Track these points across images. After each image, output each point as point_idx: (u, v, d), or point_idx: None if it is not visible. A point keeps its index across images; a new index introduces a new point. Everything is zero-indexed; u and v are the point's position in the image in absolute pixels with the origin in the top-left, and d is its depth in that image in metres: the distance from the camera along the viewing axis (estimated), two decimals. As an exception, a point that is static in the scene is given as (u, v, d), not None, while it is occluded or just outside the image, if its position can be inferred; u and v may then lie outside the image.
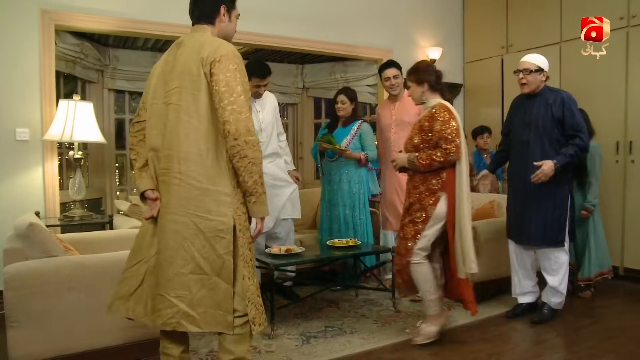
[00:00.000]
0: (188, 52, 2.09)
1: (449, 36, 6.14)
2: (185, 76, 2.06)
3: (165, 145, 2.08)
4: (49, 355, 2.42)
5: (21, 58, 3.92)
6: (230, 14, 2.26)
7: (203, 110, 2.04)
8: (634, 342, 3.16)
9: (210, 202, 2.02)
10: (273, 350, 3.03)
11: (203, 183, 2.02)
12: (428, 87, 3.20)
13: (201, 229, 2.01)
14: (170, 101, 2.08)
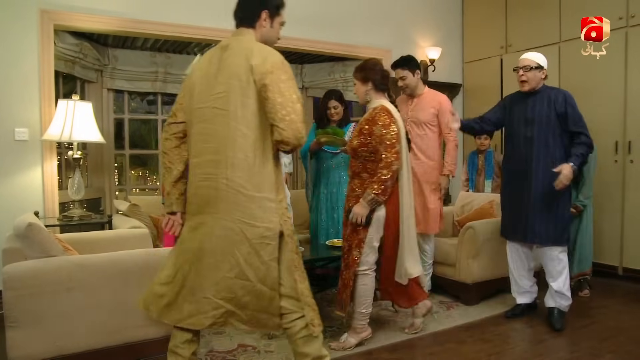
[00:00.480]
0: (236, 57, 2.07)
1: (448, 36, 6.14)
2: (233, 82, 2.04)
3: (211, 150, 2.07)
4: (48, 356, 2.42)
5: (20, 58, 3.92)
6: (272, 20, 2.26)
7: (251, 118, 2.03)
8: (633, 341, 3.16)
9: (256, 208, 2.03)
10: (272, 350, 3.02)
11: (249, 190, 2.02)
12: (372, 86, 3.09)
13: (247, 236, 2.02)
14: (216, 105, 2.07)
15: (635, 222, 4.54)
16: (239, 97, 2.02)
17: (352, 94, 6.69)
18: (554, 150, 3.36)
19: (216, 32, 4.71)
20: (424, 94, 4.05)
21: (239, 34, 2.20)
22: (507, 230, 3.65)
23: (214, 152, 2.05)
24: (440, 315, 3.68)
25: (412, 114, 4.03)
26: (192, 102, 2.15)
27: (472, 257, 3.89)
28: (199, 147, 2.11)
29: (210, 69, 2.13)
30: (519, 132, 3.50)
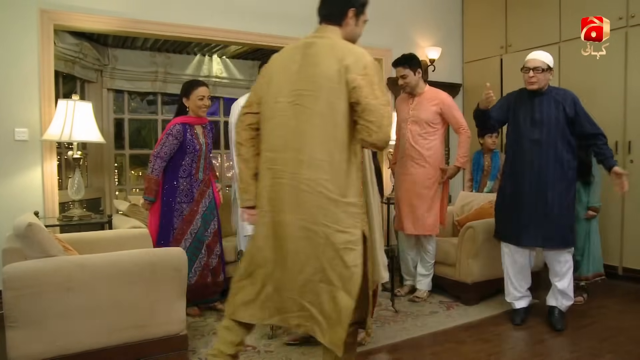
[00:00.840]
0: (325, 55, 2.03)
1: (448, 36, 6.14)
2: (321, 80, 2.00)
3: (290, 147, 2.03)
4: (48, 356, 2.42)
5: (20, 58, 3.92)
6: (358, 18, 2.22)
7: (339, 119, 1.99)
8: (633, 341, 3.16)
9: (340, 213, 1.99)
10: (272, 350, 3.02)
11: (333, 193, 1.98)
12: None
13: (332, 240, 1.98)
14: (298, 102, 2.02)
15: (635, 223, 4.54)
16: (328, 97, 1.99)
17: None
18: (562, 153, 3.32)
19: (216, 32, 4.71)
20: (425, 93, 4.05)
21: (324, 32, 2.16)
22: (508, 234, 3.53)
23: (296, 150, 2.01)
24: (440, 315, 3.68)
25: (413, 113, 4.01)
26: (269, 95, 2.11)
27: (472, 257, 3.89)
28: (277, 142, 2.07)
29: (291, 64, 2.09)
30: (525, 133, 3.42)
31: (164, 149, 3.53)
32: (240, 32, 4.83)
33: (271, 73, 2.15)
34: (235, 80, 6.73)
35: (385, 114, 1.95)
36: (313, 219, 1.98)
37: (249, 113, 2.21)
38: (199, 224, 3.61)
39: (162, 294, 2.68)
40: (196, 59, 6.41)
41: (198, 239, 3.60)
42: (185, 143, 3.55)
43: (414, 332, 3.33)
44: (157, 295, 2.67)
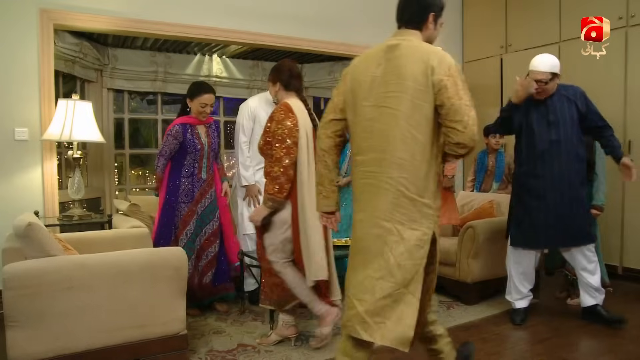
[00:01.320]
0: (409, 58, 2.06)
1: (448, 36, 6.13)
2: (407, 82, 2.02)
3: (376, 148, 2.05)
4: (48, 355, 2.42)
5: (20, 57, 3.92)
6: (436, 22, 2.29)
7: (423, 121, 2.01)
8: (632, 341, 3.16)
9: (415, 212, 2.01)
10: (272, 350, 3.03)
11: (412, 192, 2.00)
12: (280, 86, 3.07)
13: (404, 237, 1.99)
14: (384, 104, 2.04)
15: (635, 222, 4.54)
16: (413, 98, 2.00)
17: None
18: (578, 150, 3.35)
19: (216, 31, 4.71)
20: None
21: (405, 35, 2.20)
22: (526, 237, 3.46)
23: (380, 150, 2.04)
24: (440, 314, 3.68)
25: None
26: (357, 100, 2.13)
27: (472, 257, 3.90)
28: (364, 144, 2.10)
29: (375, 68, 2.11)
30: (542, 135, 3.38)
31: (164, 148, 3.62)
32: (240, 32, 4.83)
33: (354, 78, 2.17)
34: (236, 80, 6.73)
35: (471, 114, 1.98)
36: (389, 217, 2.01)
37: (334, 120, 2.23)
38: (194, 224, 3.63)
39: (161, 294, 2.69)
40: (196, 59, 6.40)
41: (192, 239, 3.63)
42: (185, 143, 3.57)
43: (413, 331, 3.33)
44: (156, 295, 2.67)
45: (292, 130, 2.85)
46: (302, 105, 3.05)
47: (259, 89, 6.82)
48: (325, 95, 7.11)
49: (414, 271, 1.98)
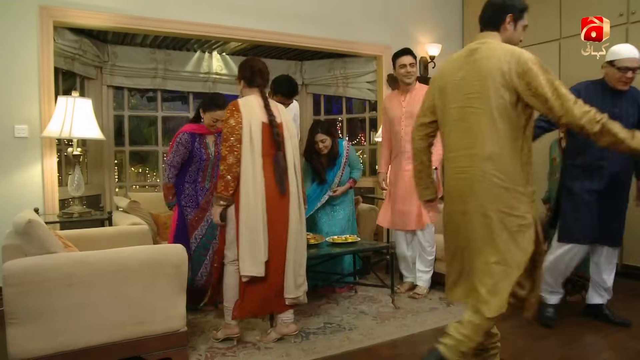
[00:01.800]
0: (489, 58, 2.23)
1: (448, 32, 6.13)
2: (488, 83, 2.19)
3: (465, 145, 2.27)
4: (48, 352, 2.42)
5: (20, 54, 3.92)
6: (516, 23, 2.42)
7: (506, 116, 2.18)
8: (632, 338, 3.16)
9: (511, 199, 2.19)
10: (272, 346, 3.03)
11: (505, 182, 2.19)
12: (244, 83, 3.12)
13: (505, 224, 2.19)
14: (469, 105, 2.25)
15: (634, 219, 4.53)
16: (495, 96, 2.18)
17: (352, 91, 6.69)
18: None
19: (216, 28, 4.71)
20: (417, 88, 4.09)
21: (485, 37, 2.37)
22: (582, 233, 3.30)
23: (469, 146, 2.25)
24: (440, 311, 3.69)
25: (408, 109, 4.03)
26: (445, 103, 2.35)
27: (472, 254, 3.89)
28: (454, 143, 2.32)
29: (458, 72, 2.31)
30: None
31: (175, 158, 3.55)
32: (240, 29, 4.82)
33: (440, 82, 2.39)
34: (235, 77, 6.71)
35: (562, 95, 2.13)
36: (490, 207, 2.21)
37: (424, 123, 2.48)
38: (204, 230, 3.61)
39: (162, 291, 2.69)
40: (196, 56, 6.39)
41: (203, 245, 3.60)
42: (192, 152, 3.56)
43: (414, 328, 3.34)
44: (157, 292, 2.67)
45: (235, 128, 2.90)
46: (259, 101, 3.04)
47: (259, 86, 6.80)
48: (324, 92, 7.10)
49: (521, 255, 2.19)
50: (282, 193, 2.96)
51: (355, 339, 3.15)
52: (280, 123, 3.04)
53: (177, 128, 6.37)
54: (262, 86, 3.11)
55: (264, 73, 3.11)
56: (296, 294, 3.01)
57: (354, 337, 3.19)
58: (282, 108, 3.18)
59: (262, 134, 2.94)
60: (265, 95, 3.10)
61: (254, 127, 2.93)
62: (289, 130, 3.09)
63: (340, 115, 7.20)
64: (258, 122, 2.95)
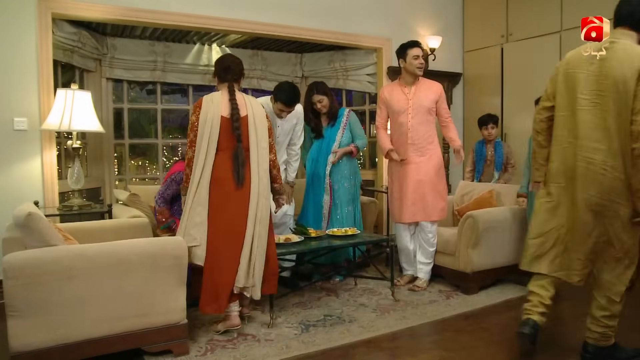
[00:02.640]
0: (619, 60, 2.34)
1: (448, 25, 6.11)
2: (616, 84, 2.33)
3: (588, 137, 2.44)
4: (49, 344, 2.43)
5: (18, 47, 3.90)
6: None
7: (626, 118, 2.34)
8: (633, 330, 3.17)
9: (626, 191, 2.41)
10: (272, 339, 3.04)
11: (622, 175, 2.39)
12: (217, 79, 3.20)
13: (620, 214, 2.42)
14: (596, 101, 2.41)
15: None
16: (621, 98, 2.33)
17: (352, 84, 6.67)
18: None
19: (215, 20, 4.69)
20: (421, 81, 4.09)
21: (619, 36, 2.43)
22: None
23: (595, 140, 2.42)
24: (440, 304, 3.70)
25: (416, 101, 4.02)
26: (571, 91, 2.51)
27: (472, 247, 3.90)
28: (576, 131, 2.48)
29: (589, 65, 2.45)
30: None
31: (167, 192, 3.64)
32: (240, 21, 4.81)
33: (567, 71, 2.55)
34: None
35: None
36: (605, 196, 2.42)
37: (547, 107, 2.67)
38: None
39: (162, 283, 2.69)
40: (195, 48, 6.37)
41: None
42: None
43: (413, 321, 3.35)
44: (157, 284, 2.68)
45: (194, 124, 3.01)
46: (225, 96, 3.08)
47: (259, 78, 6.79)
48: (325, 85, 7.08)
49: (631, 243, 2.45)
50: (239, 185, 2.99)
51: (355, 331, 3.16)
52: (244, 117, 3.06)
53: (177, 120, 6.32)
54: (233, 81, 3.15)
55: (233, 69, 3.16)
56: (244, 283, 3.00)
57: (353, 329, 3.20)
58: (255, 103, 3.18)
59: (221, 127, 3.00)
60: (233, 90, 3.12)
61: (214, 122, 2.99)
62: (256, 125, 3.09)
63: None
64: (218, 116, 3.01)
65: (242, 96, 3.15)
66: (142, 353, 2.74)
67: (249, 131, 3.07)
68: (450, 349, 2.91)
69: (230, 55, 3.34)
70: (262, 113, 3.18)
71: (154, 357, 2.74)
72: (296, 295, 3.87)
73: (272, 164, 3.23)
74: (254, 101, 3.20)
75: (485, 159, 5.05)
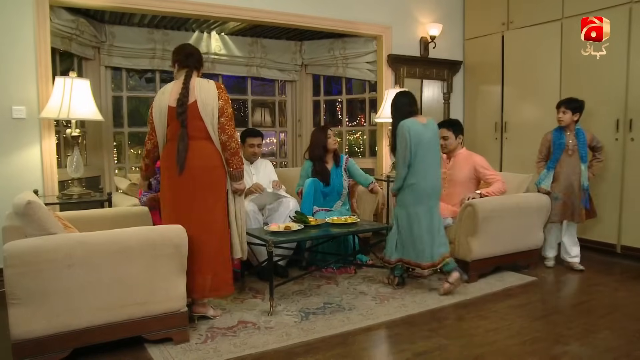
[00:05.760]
0: None
1: (449, 12, 6.06)
2: None
3: None
4: (50, 332, 2.44)
5: (16, 34, 3.87)
6: None
7: None
8: (629, 318, 3.19)
9: None
10: (272, 326, 3.05)
11: None
12: (177, 66, 3.14)
13: None
14: None
15: (634, 201, 4.54)
16: None
17: (352, 72, 6.65)
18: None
19: (215, 8, 4.65)
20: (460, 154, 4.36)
21: None
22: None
23: None
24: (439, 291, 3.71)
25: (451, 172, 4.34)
26: None
27: (471, 235, 3.91)
28: None
29: None
30: None
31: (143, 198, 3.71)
32: (239, 8, 4.77)
33: None
34: (234, 57, 6.66)
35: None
36: None
37: None
38: None
39: (162, 271, 2.70)
40: (194, 36, 6.34)
41: None
42: None
43: (412, 308, 3.36)
44: (157, 272, 2.68)
45: (149, 119, 3.12)
46: (176, 85, 3.04)
47: (258, 66, 6.76)
48: (324, 73, 7.06)
49: None
50: (180, 171, 2.94)
51: (354, 319, 3.17)
52: (192, 102, 2.95)
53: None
54: (193, 67, 3.08)
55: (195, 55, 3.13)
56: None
57: (353, 317, 3.21)
58: (206, 85, 3.01)
59: (168, 117, 3.00)
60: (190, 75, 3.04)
61: (162, 113, 3.02)
62: (205, 108, 2.96)
63: (340, 96, 7.16)
64: (165, 107, 3.01)
65: (196, 81, 3.02)
66: (143, 341, 2.75)
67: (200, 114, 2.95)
68: (449, 336, 2.93)
69: (189, 44, 3.35)
70: (212, 95, 3.00)
71: (155, 345, 2.75)
72: (296, 283, 3.89)
73: (223, 146, 3.03)
74: (205, 83, 3.04)
75: (564, 148, 4.26)
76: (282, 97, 7.36)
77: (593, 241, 4.83)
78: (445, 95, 6.14)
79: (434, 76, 6.01)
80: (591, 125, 4.59)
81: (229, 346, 2.77)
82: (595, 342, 2.82)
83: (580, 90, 4.66)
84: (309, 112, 7.32)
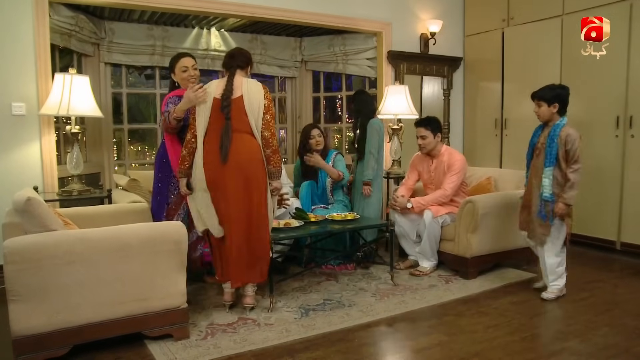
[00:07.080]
0: None
1: (449, 9, 6.05)
2: None
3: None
4: (50, 329, 2.44)
5: (15, 31, 3.86)
6: None
7: None
8: (628, 315, 3.19)
9: None
10: (272, 323, 3.06)
11: None
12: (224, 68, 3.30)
13: None
14: None
15: (634, 198, 4.54)
16: None
17: (352, 68, 6.64)
18: None
19: (214, 4, 4.64)
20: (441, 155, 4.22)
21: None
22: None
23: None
24: (439, 288, 3.71)
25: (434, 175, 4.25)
26: None
27: (471, 232, 3.91)
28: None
29: None
30: None
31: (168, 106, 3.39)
32: (239, 5, 4.76)
33: None
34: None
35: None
36: None
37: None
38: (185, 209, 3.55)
39: (162, 268, 2.70)
40: (194, 32, 6.32)
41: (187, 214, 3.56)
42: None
43: (412, 305, 3.37)
44: (157, 269, 2.69)
45: (193, 109, 3.17)
46: (221, 81, 3.18)
47: (258, 62, 6.74)
48: (324, 69, 7.04)
49: None
50: (223, 161, 3.03)
51: (354, 316, 3.18)
52: (238, 97, 3.08)
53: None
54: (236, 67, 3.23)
55: (236, 56, 3.27)
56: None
57: (353, 313, 3.22)
58: (253, 84, 3.17)
59: (212, 108, 3.09)
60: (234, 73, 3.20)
61: (207, 105, 3.10)
62: (251, 104, 3.09)
63: (340, 93, 7.15)
64: (211, 98, 3.11)
65: (241, 79, 3.17)
66: (143, 337, 2.76)
67: (245, 110, 3.08)
68: (449, 333, 2.93)
69: (235, 48, 3.47)
70: (259, 93, 3.14)
71: (155, 342, 2.76)
72: (296, 279, 3.89)
73: (265, 142, 3.14)
74: (253, 82, 3.20)
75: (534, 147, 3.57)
76: (282, 94, 7.35)
77: (593, 238, 4.84)
78: (446, 92, 6.13)
79: (434, 73, 6.01)
80: (591, 121, 4.59)
81: (229, 342, 2.78)
82: (594, 339, 2.82)
83: (580, 86, 4.65)
84: (309, 109, 7.31)
